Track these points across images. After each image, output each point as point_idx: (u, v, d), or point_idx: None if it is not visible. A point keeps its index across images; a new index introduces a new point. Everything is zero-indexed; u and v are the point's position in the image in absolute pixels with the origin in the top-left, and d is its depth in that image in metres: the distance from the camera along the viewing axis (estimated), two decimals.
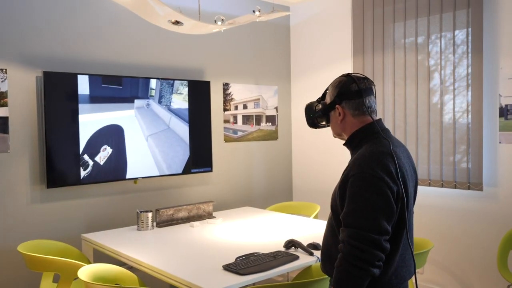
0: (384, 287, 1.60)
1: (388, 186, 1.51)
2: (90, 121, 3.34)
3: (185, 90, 3.74)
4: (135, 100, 3.51)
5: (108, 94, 3.40)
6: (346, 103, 1.70)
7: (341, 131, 1.76)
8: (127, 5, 2.62)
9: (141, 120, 3.52)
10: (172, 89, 3.69)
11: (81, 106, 3.30)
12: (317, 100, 1.83)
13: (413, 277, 1.68)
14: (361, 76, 1.73)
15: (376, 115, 1.74)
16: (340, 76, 1.75)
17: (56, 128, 3.19)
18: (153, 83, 3.59)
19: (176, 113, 3.71)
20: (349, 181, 1.56)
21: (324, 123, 1.82)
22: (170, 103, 3.70)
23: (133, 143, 3.55)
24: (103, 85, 3.37)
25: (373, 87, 1.73)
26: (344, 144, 1.76)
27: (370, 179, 1.51)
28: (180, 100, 3.73)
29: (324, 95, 1.81)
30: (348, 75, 1.74)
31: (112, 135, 3.44)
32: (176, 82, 3.72)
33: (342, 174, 1.63)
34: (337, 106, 1.72)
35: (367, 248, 1.47)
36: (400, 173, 1.56)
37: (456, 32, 3.47)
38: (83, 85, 3.29)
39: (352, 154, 1.72)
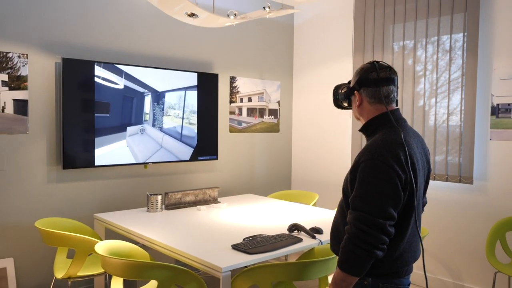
0: (388, 269, 1.65)
1: (396, 174, 1.54)
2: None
3: (172, 112, 3.83)
4: (127, 128, 3.58)
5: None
6: (364, 90, 1.74)
7: (359, 115, 1.81)
8: None
9: (135, 147, 3.61)
10: (163, 112, 3.79)
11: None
12: (348, 82, 1.88)
13: (421, 262, 1.76)
14: (385, 65, 1.74)
15: (396, 104, 1.77)
16: (366, 63, 1.78)
17: (73, 113, 3.31)
18: (147, 107, 3.68)
19: (167, 132, 3.82)
20: (359, 166, 1.60)
21: (346, 105, 1.88)
22: (162, 124, 3.80)
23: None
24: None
25: (395, 77, 1.73)
26: (360, 130, 1.80)
27: (379, 166, 1.54)
28: (169, 120, 3.84)
29: None
30: (372, 62, 1.75)
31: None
32: (166, 105, 3.80)
33: (354, 160, 1.67)
34: (355, 92, 1.77)
35: (372, 232, 1.52)
36: (411, 162, 1.59)
37: (453, 34, 3.61)
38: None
39: (367, 140, 1.76)
